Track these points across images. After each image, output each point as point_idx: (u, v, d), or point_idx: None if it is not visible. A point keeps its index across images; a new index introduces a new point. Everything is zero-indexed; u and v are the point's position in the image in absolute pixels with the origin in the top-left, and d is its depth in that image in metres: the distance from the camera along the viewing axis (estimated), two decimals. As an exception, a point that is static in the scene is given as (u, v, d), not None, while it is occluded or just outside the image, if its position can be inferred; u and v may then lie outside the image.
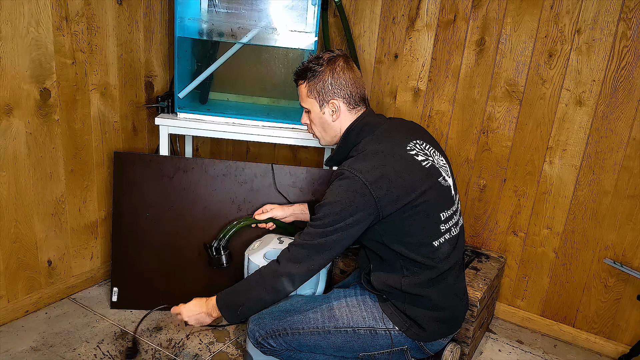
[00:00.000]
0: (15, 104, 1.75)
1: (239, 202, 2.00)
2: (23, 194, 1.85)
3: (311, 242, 1.38)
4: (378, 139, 1.46)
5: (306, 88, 1.50)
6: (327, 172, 2.02)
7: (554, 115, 1.96)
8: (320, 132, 1.56)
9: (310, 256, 1.39)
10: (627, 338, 1.99)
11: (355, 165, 1.38)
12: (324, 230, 1.37)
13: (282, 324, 1.49)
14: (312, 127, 1.57)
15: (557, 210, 2.03)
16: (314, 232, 1.39)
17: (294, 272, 1.39)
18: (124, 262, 2.00)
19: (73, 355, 1.77)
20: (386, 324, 1.46)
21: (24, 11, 1.70)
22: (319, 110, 1.51)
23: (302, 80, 1.52)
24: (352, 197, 1.34)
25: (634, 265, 1.91)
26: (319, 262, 1.40)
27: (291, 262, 1.40)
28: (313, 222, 1.41)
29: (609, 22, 1.79)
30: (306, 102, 1.52)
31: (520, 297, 2.19)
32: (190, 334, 1.94)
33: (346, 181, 1.36)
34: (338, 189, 1.37)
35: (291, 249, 1.42)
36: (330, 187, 1.41)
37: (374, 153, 1.41)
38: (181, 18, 1.95)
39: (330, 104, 1.49)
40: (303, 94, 1.52)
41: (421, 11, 2.15)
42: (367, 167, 1.37)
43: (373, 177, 1.35)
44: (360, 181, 1.34)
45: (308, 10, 1.96)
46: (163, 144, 2.05)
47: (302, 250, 1.39)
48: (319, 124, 1.54)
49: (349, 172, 1.37)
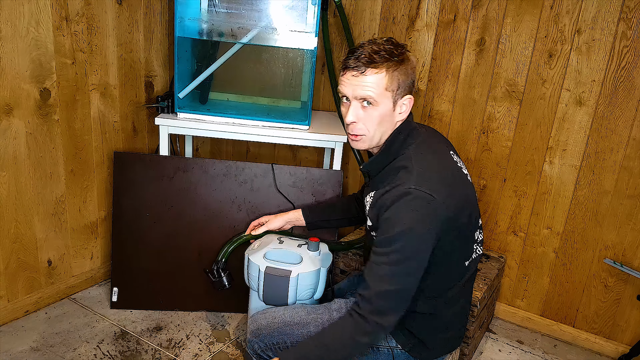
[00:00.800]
0: (15, 104, 1.75)
1: (239, 202, 2.00)
2: (23, 194, 1.85)
3: (395, 287, 1.20)
4: (427, 148, 1.31)
5: (386, 78, 1.22)
6: (327, 172, 2.01)
7: (554, 115, 1.96)
8: (372, 133, 1.28)
9: (399, 299, 1.21)
10: (627, 338, 1.99)
11: (421, 182, 1.20)
12: (406, 266, 1.19)
13: (282, 337, 1.40)
14: (367, 125, 1.27)
15: (557, 210, 2.03)
16: (395, 271, 1.19)
17: (386, 324, 1.21)
18: (124, 262, 2.00)
19: (73, 355, 1.77)
20: (389, 342, 1.38)
21: (24, 11, 1.70)
22: (391, 107, 1.26)
23: (376, 68, 1.22)
24: (427, 219, 1.18)
25: (634, 265, 1.91)
26: (408, 298, 1.23)
27: (379, 314, 1.20)
28: (387, 258, 1.19)
29: (609, 22, 1.79)
30: (380, 95, 1.23)
31: (520, 297, 2.19)
32: (190, 334, 1.94)
33: (418, 202, 1.18)
34: (410, 212, 1.18)
35: (373, 299, 1.20)
36: (396, 210, 1.19)
37: (433, 165, 1.26)
38: (181, 18, 1.95)
39: (405, 100, 1.28)
40: (379, 84, 1.22)
41: (421, 11, 2.15)
42: (434, 183, 1.20)
43: (443, 195, 1.20)
44: (434, 200, 1.18)
45: (308, 10, 1.96)
46: (163, 144, 2.05)
47: (389, 299, 1.20)
48: (381, 122, 1.27)
49: (419, 191, 1.18)
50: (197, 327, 1.98)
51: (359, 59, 1.23)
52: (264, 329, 1.42)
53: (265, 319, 1.44)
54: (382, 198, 1.24)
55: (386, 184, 1.27)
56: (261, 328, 1.42)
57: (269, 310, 1.49)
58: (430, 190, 1.18)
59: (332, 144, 2.05)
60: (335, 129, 2.11)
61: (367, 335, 1.21)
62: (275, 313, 1.46)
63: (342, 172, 2.03)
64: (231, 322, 2.03)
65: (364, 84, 1.23)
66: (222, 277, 1.88)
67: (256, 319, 1.46)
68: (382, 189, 1.26)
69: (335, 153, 2.05)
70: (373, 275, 1.21)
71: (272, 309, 1.50)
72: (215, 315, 2.06)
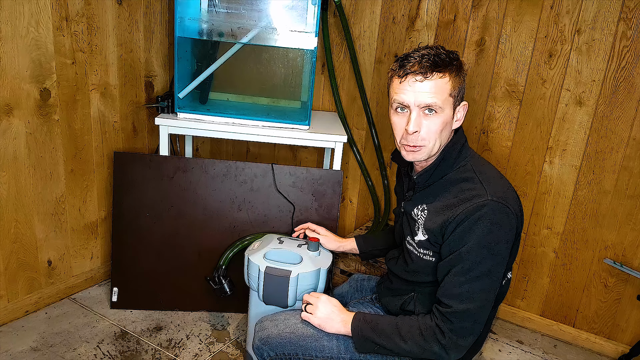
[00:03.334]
0: (15, 104, 1.75)
1: (239, 202, 2.00)
2: (23, 194, 1.85)
3: (475, 305, 1.15)
4: (480, 158, 1.28)
5: (450, 83, 1.17)
6: (327, 172, 2.01)
7: (554, 115, 1.96)
8: (433, 143, 1.21)
9: (478, 318, 1.17)
10: (627, 338, 1.99)
11: (494, 193, 1.15)
12: (485, 282, 1.14)
13: (294, 348, 1.32)
14: (428, 135, 1.20)
15: (557, 210, 2.03)
16: (475, 288, 1.14)
17: (463, 344, 1.18)
18: (124, 262, 2.00)
19: (73, 355, 1.77)
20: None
21: (24, 11, 1.70)
22: (451, 114, 1.21)
23: (441, 73, 1.16)
24: (505, 231, 1.14)
25: (634, 265, 1.91)
26: (485, 317, 1.18)
27: (457, 334, 1.17)
28: (466, 276, 1.14)
29: (609, 22, 1.79)
30: (445, 101, 1.18)
31: (520, 297, 2.19)
32: (190, 334, 1.94)
33: (497, 215, 1.13)
34: (489, 225, 1.13)
35: (453, 319, 1.16)
36: (473, 223, 1.14)
37: (495, 177, 1.23)
38: (181, 18, 1.95)
39: (462, 106, 1.23)
40: (443, 90, 1.17)
41: (421, 11, 2.15)
42: (505, 194, 1.17)
43: (515, 206, 1.17)
44: (510, 212, 1.14)
45: (308, 10, 1.96)
46: (163, 144, 2.05)
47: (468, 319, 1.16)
48: (442, 131, 1.20)
49: (496, 203, 1.13)
50: (197, 327, 1.98)
51: (421, 63, 1.16)
52: (274, 338, 1.34)
53: (276, 328, 1.36)
54: (451, 212, 1.18)
55: (450, 197, 1.21)
56: (271, 337, 1.34)
57: (277, 316, 1.41)
58: (505, 201, 1.14)
59: (332, 144, 2.05)
60: (335, 129, 2.11)
61: (440, 346, 1.18)
62: (286, 322, 1.37)
63: (342, 172, 2.03)
64: (231, 322, 2.03)
65: (430, 89, 1.16)
66: (223, 284, 1.88)
67: (265, 327, 1.37)
68: (445, 202, 1.21)
69: (335, 153, 2.05)
70: (451, 294, 1.17)
71: (280, 314, 1.43)
72: (215, 315, 2.06)
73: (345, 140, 2.02)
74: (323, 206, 2.01)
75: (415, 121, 1.18)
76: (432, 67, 1.15)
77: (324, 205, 2.01)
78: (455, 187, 1.22)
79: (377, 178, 2.45)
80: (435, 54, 1.17)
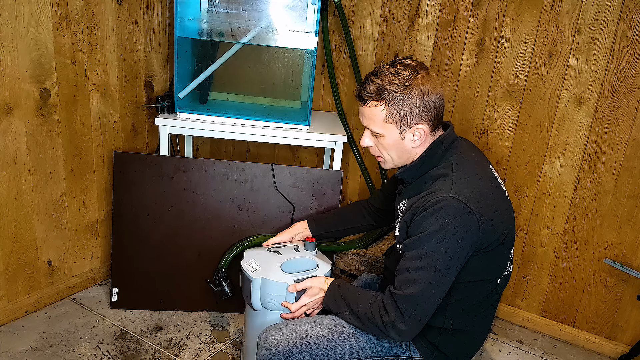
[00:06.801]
0: (15, 104, 1.75)
1: (239, 202, 2.00)
2: (23, 194, 1.85)
3: (419, 292, 1.18)
4: (469, 159, 1.29)
5: (384, 112, 1.23)
6: (327, 172, 2.01)
7: (554, 115, 1.96)
8: (390, 156, 1.31)
9: (422, 307, 1.20)
10: (627, 338, 1.99)
11: (459, 191, 1.17)
12: (433, 273, 1.17)
13: (305, 354, 1.30)
14: (380, 150, 1.31)
15: (557, 210, 2.03)
16: (423, 277, 1.17)
17: (403, 330, 1.22)
18: (124, 262, 2.00)
19: (73, 355, 1.77)
20: (412, 352, 1.34)
21: (24, 11, 1.70)
22: (398, 136, 1.26)
23: (376, 101, 1.23)
24: (460, 229, 1.15)
25: (634, 265, 1.91)
26: (431, 308, 1.22)
27: (399, 318, 1.21)
28: (416, 262, 1.19)
29: (609, 22, 1.79)
30: (381, 127, 1.25)
31: (520, 297, 2.19)
32: (190, 334, 1.94)
33: (454, 210, 1.15)
34: (443, 220, 1.15)
35: (398, 301, 1.20)
36: (429, 215, 1.17)
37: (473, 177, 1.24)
38: (181, 18, 1.95)
39: (415, 129, 1.25)
40: (378, 118, 1.24)
41: (421, 11, 2.15)
42: (473, 194, 1.18)
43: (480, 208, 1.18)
44: (470, 211, 1.16)
45: (308, 10, 1.96)
46: (163, 144, 2.05)
47: (411, 304, 1.20)
48: (393, 148, 1.29)
49: (456, 200, 1.16)
50: (197, 327, 1.98)
51: (365, 88, 1.25)
52: (284, 346, 1.30)
53: (285, 334, 1.33)
54: (417, 203, 1.22)
55: (423, 190, 1.25)
56: (280, 344, 1.30)
57: (284, 323, 1.39)
58: (468, 200, 1.16)
59: (332, 144, 2.05)
60: (335, 129, 2.11)
61: (381, 322, 1.23)
62: (295, 327, 1.35)
63: (342, 172, 2.03)
64: (231, 322, 2.03)
65: (366, 115, 1.27)
66: (223, 286, 1.88)
67: (273, 335, 1.34)
68: (418, 195, 1.25)
69: (335, 153, 2.05)
70: (400, 278, 1.21)
71: (286, 322, 1.41)
72: (215, 315, 2.06)
73: (345, 140, 2.02)
74: (323, 206, 2.01)
75: (363, 138, 1.32)
76: (368, 94, 1.23)
77: (324, 205, 2.01)
78: (431, 182, 1.26)
79: (377, 178, 2.45)
80: (375, 82, 1.22)
